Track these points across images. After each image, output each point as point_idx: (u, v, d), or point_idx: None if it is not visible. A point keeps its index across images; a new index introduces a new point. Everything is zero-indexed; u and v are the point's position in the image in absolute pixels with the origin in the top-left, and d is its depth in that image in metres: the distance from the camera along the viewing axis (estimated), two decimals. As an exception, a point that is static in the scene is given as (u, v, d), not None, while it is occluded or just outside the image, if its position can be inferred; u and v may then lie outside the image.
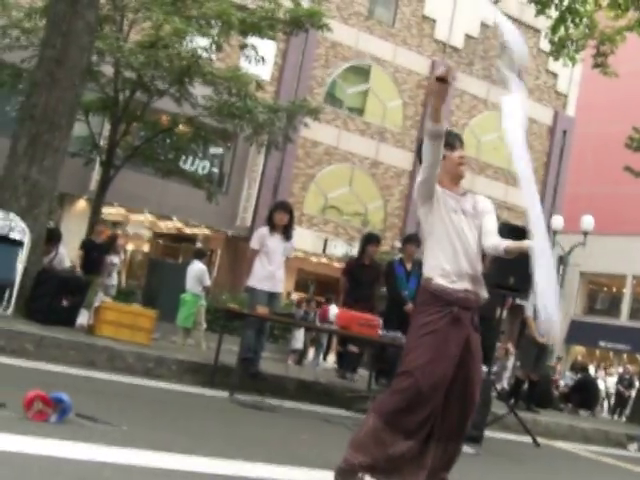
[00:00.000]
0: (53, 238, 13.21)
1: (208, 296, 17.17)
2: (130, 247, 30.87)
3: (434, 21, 37.56)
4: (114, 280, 17.01)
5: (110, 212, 27.60)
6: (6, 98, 25.85)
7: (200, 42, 21.30)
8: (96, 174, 24.37)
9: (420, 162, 4.92)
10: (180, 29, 19.80)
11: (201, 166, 30.08)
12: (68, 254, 14.15)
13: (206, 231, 32.45)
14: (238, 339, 11.18)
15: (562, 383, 26.14)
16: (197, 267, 16.08)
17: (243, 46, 22.05)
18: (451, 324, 4.70)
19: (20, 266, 11.10)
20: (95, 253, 15.26)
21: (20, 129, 11.87)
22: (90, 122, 21.39)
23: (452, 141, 4.99)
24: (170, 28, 19.83)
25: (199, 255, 16.87)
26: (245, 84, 21.25)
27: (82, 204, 28.36)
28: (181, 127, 23.16)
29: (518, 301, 14.48)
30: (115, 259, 16.72)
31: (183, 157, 26.43)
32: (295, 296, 30.11)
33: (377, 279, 12.44)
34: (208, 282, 16.35)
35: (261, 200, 31.81)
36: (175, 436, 5.85)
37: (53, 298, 11.07)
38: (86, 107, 20.16)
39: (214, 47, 21.34)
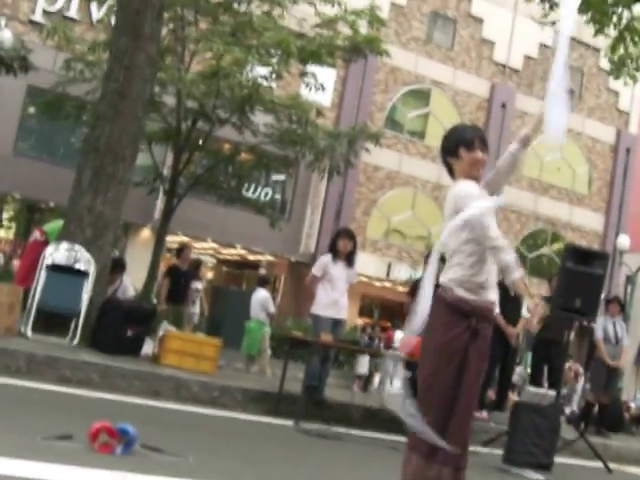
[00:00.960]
0: (117, 268, 13.33)
1: (272, 323, 17.17)
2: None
3: (493, 43, 37.40)
4: (197, 308, 17.01)
5: (174, 240, 27.79)
6: (70, 130, 26.29)
7: (260, 71, 21.44)
8: (160, 203, 24.59)
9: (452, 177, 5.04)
10: (240, 59, 19.95)
11: (263, 193, 30.24)
12: (133, 283, 14.27)
13: (269, 258, 32.55)
14: (303, 366, 11.17)
15: (633, 406, 25.66)
16: (261, 294, 16.11)
17: (303, 74, 22.17)
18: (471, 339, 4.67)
19: (85, 296, 11.21)
20: (182, 280, 14.99)
21: (84, 161, 12.02)
22: (153, 152, 21.60)
23: (470, 139, 4.91)
24: (230, 58, 19.99)
25: (263, 282, 16.90)
26: (306, 111, 21.33)
27: (146, 233, 28.63)
28: (243, 155, 23.29)
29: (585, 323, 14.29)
30: (199, 285, 16.75)
31: (245, 185, 26.59)
32: (360, 321, 30.06)
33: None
34: (272, 309, 16.37)
35: (324, 226, 31.84)
36: (242, 466, 5.84)
37: (118, 328, 11.15)
38: (149, 137, 20.39)
39: (274, 75, 21.48)
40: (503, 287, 11.91)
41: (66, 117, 22.51)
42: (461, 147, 4.82)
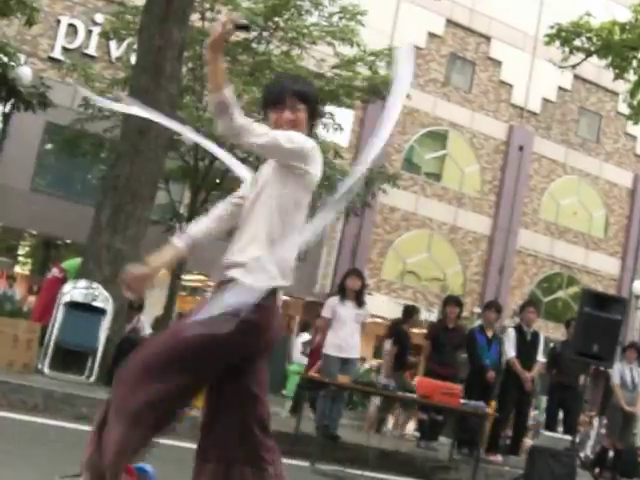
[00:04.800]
0: (135, 306, 13.35)
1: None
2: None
3: (511, 86, 37.51)
4: None
5: (190, 279, 27.82)
6: (88, 167, 26.45)
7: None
8: (176, 241, 24.63)
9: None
10: (259, 98, 20.08)
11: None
12: (149, 322, 14.29)
13: (285, 297, 32.50)
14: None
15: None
16: (304, 339, 16.06)
17: (321, 115, 22.28)
18: None
19: (103, 334, 11.23)
20: None
21: (103, 199, 12.09)
22: (170, 190, 21.70)
23: (275, 98, 4.09)
24: (249, 97, 20.13)
25: (306, 327, 16.86)
26: (323, 151, 21.38)
27: (162, 271, 28.65)
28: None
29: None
30: None
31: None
32: (374, 362, 29.91)
33: (462, 343, 12.31)
34: None
35: (340, 266, 31.79)
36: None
37: (134, 366, 11.13)
38: (167, 175, 20.49)
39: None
40: (520, 330, 11.94)
41: (84, 154, 22.67)
42: (269, 107, 4.14)
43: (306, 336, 16.11)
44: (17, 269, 29.76)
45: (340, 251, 32.48)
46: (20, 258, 31.29)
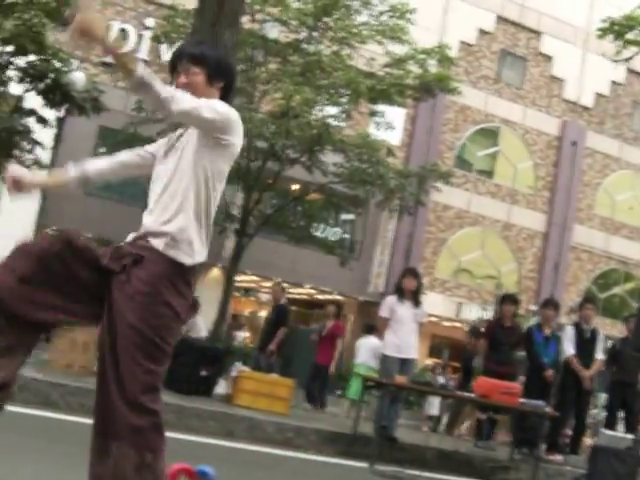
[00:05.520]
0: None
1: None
2: (263, 314, 31.12)
3: (563, 81, 37.16)
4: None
5: (243, 280, 27.92)
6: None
7: (330, 110, 21.57)
8: (230, 242, 24.71)
9: None
10: (310, 99, 20.11)
11: (332, 232, 30.26)
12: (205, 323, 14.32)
13: (338, 297, 32.48)
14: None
15: None
16: (372, 341, 15.96)
17: (372, 113, 22.26)
18: None
19: (160, 336, 11.25)
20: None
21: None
22: (223, 191, 21.73)
23: (172, 63, 3.98)
24: (300, 98, 20.15)
25: (371, 329, 16.78)
26: (375, 150, 21.37)
27: (216, 272, 28.77)
28: (312, 195, 23.37)
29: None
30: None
31: (315, 224, 26.65)
32: (429, 362, 29.82)
33: (519, 341, 12.18)
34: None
35: (393, 265, 31.72)
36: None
37: (192, 368, 11.18)
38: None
39: (344, 115, 21.59)
40: (579, 328, 11.77)
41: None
42: (171, 73, 4.02)
43: (373, 339, 15.99)
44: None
45: (393, 250, 32.39)
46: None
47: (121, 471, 3.59)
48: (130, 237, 3.80)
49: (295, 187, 24.13)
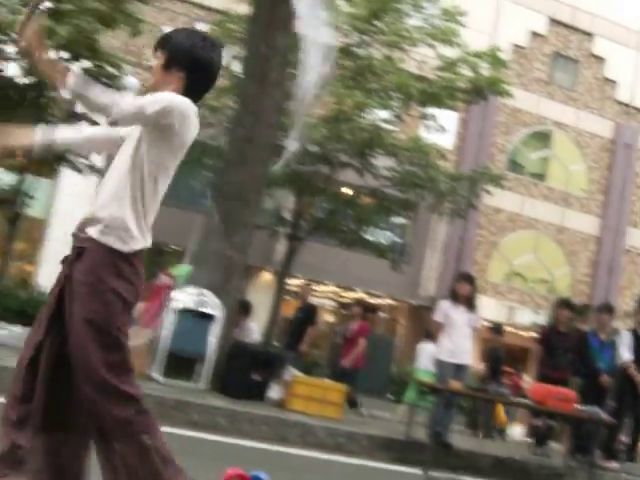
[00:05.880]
0: (243, 311, 13.42)
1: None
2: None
3: (616, 83, 36.76)
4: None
5: (294, 283, 27.90)
6: (193, 174, 26.74)
7: (381, 114, 21.52)
8: (281, 246, 24.74)
9: None
10: (361, 102, 20.08)
11: (384, 236, 30.17)
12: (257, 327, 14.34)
13: (389, 301, 32.41)
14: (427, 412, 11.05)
15: None
16: (430, 347, 15.85)
17: (424, 116, 22.17)
18: None
19: (213, 340, 11.29)
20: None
21: (212, 206, 12.18)
22: (275, 195, 21.78)
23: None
24: (351, 101, 20.12)
25: (430, 335, 16.68)
26: (426, 154, 21.29)
27: (267, 276, 28.83)
28: (364, 198, 23.31)
29: None
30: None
31: (366, 228, 26.57)
32: (481, 367, 29.60)
33: (574, 346, 12.05)
34: None
35: (444, 269, 31.60)
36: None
37: (244, 372, 11.19)
38: (271, 181, 20.60)
39: (395, 118, 21.53)
40: (635, 333, 11.60)
41: (190, 161, 22.85)
42: None
43: (431, 344, 15.87)
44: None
45: (445, 254, 32.26)
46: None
47: (130, 467, 3.62)
48: (74, 228, 3.80)
49: (346, 191, 24.09)
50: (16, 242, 22.29)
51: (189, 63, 3.84)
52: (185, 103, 3.73)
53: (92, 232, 3.68)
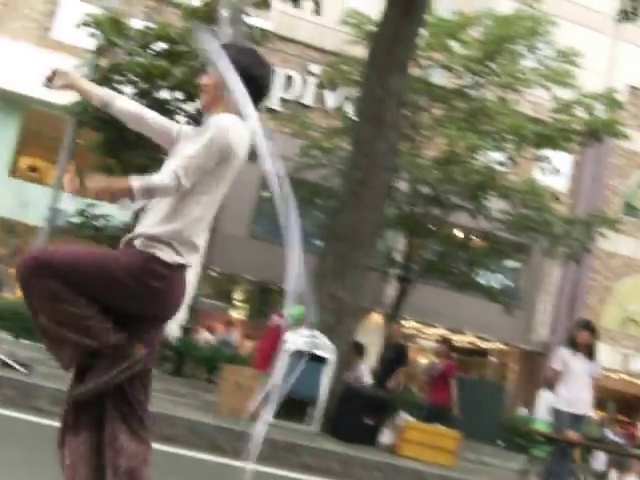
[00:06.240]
0: (355, 353, 13.34)
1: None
2: (424, 361, 30.85)
3: None
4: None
5: (403, 325, 27.73)
6: (303, 214, 26.84)
7: (494, 156, 21.33)
8: (391, 288, 24.62)
9: None
10: (474, 144, 19.95)
11: (495, 279, 29.78)
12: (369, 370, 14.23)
13: (500, 345, 31.94)
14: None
15: None
16: (550, 396, 15.51)
17: (538, 158, 21.92)
18: None
19: (325, 383, 11.23)
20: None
21: (326, 247, 12.17)
22: (386, 237, 21.72)
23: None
24: (464, 143, 20.01)
25: (549, 384, 16.33)
26: (540, 196, 21.01)
27: (375, 317, 28.70)
28: (475, 241, 23.10)
29: None
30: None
31: (477, 271, 26.30)
32: (595, 415, 28.93)
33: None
34: None
35: (557, 314, 31.03)
36: None
37: (357, 416, 11.10)
38: (383, 222, 20.58)
39: (509, 161, 21.33)
40: None
41: (300, 202, 22.97)
42: None
43: (548, 394, 15.50)
44: (233, 314, 30.48)
45: (558, 298, 31.67)
46: (236, 303, 32.03)
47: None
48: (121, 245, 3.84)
49: (458, 233, 23.91)
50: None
51: (244, 81, 3.84)
52: (235, 131, 3.77)
53: (141, 245, 3.72)
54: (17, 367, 9.41)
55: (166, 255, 3.70)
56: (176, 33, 18.86)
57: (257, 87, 3.92)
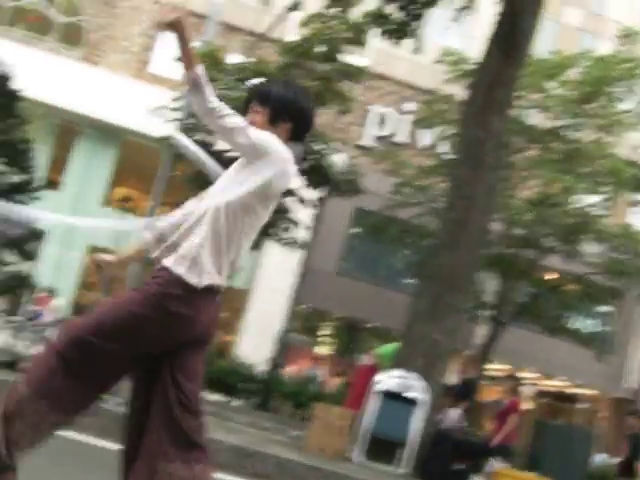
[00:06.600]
0: (447, 395, 13.15)
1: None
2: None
3: None
4: None
5: (492, 368, 27.37)
6: (393, 252, 26.81)
7: (590, 199, 21.04)
8: (481, 329, 24.34)
9: None
10: (570, 187, 19.70)
11: (587, 324, 29.25)
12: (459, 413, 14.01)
13: (590, 391, 31.32)
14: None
15: None
16: None
17: (635, 202, 21.56)
18: None
19: (415, 425, 11.09)
20: None
21: (421, 288, 12.06)
22: (478, 278, 21.50)
23: (245, 102, 4.07)
24: (560, 185, 19.78)
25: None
26: (636, 241, 20.63)
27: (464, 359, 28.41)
28: (568, 284, 22.75)
29: None
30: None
31: (569, 314, 25.88)
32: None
33: None
34: None
35: (649, 361, 30.39)
36: None
37: (446, 461, 10.94)
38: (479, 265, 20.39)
39: (605, 204, 21.01)
40: None
41: (391, 239, 22.96)
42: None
43: None
44: (319, 349, 30.43)
45: (650, 346, 31.01)
46: (322, 339, 31.98)
47: None
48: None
49: (551, 276, 23.56)
50: (218, 311, 22.64)
51: (295, 113, 3.93)
52: (286, 153, 3.81)
53: (167, 261, 3.73)
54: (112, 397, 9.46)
55: (190, 276, 3.70)
56: (273, 68, 19.01)
57: (304, 118, 3.98)
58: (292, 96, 3.97)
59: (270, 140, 3.78)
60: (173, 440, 3.71)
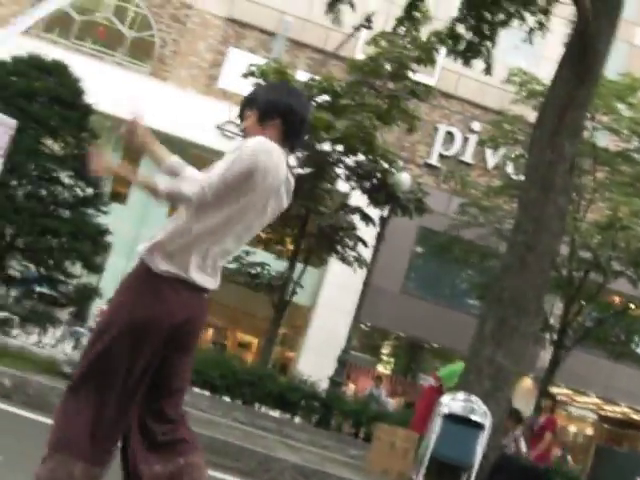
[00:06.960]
0: (514, 420, 13.01)
1: None
2: (573, 429, 30.08)
3: None
4: None
5: (555, 392, 27.06)
6: (456, 272, 26.67)
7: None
8: (545, 353, 24.05)
9: None
10: (639, 210, 19.44)
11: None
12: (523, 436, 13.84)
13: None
14: None
15: None
16: None
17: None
18: None
19: (479, 450, 10.95)
20: None
21: (487, 311, 11.93)
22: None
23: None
24: (628, 209, 19.52)
25: None
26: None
27: (527, 382, 28.08)
28: (635, 309, 22.44)
29: None
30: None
31: (636, 340, 25.53)
32: None
33: None
34: None
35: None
36: None
37: (510, 486, 10.81)
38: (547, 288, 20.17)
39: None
40: None
41: (455, 260, 22.85)
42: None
43: None
44: (380, 368, 30.35)
45: None
46: (383, 357, 31.90)
47: None
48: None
49: (617, 300, 23.25)
50: (280, 327, 22.68)
51: (283, 109, 3.94)
52: (263, 154, 3.75)
53: (140, 247, 3.78)
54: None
55: (154, 263, 3.72)
56: (340, 86, 19.04)
57: (293, 113, 3.97)
58: (278, 94, 4.03)
59: (245, 149, 3.76)
60: (150, 445, 3.75)
